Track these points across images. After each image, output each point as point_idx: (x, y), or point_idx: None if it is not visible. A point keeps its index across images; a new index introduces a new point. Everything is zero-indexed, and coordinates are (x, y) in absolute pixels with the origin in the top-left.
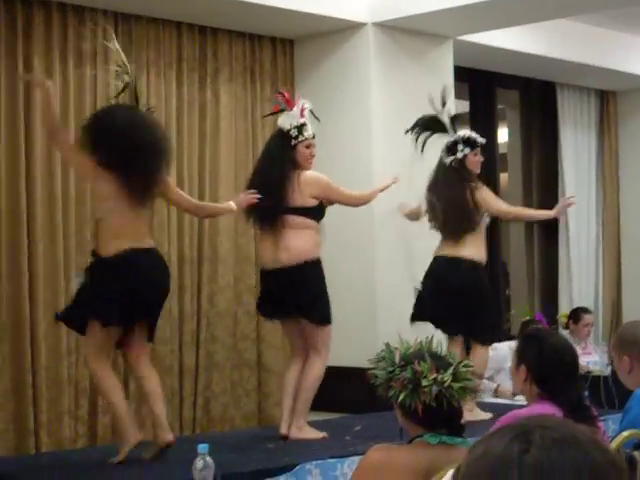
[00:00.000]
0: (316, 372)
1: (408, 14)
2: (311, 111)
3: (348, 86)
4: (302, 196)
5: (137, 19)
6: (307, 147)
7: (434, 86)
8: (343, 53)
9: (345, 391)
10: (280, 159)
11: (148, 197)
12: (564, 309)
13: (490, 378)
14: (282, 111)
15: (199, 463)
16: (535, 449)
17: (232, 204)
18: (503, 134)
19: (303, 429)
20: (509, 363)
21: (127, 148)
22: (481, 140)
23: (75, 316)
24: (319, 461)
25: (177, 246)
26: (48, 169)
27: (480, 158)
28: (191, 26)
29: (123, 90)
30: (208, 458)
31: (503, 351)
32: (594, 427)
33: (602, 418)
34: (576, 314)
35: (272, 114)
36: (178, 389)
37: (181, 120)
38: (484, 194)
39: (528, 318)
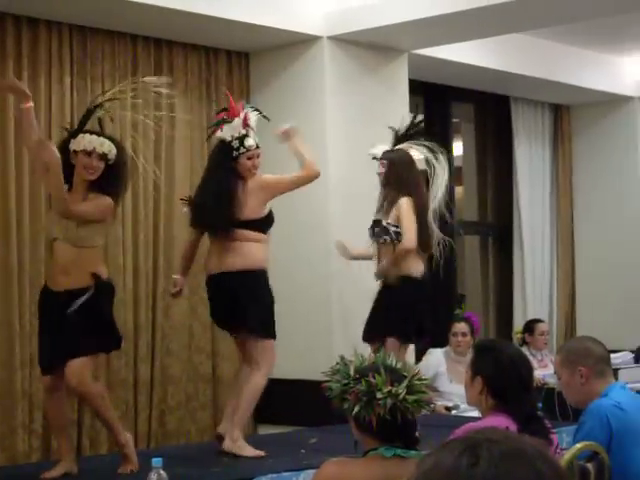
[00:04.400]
0: (254, 387)
1: (363, 28)
2: (260, 112)
3: (303, 99)
4: (250, 208)
5: (92, 31)
6: (249, 158)
7: (389, 99)
8: (298, 66)
9: (300, 404)
10: (223, 172)
11: None
12: (519, 322)
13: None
14: (224, 122)
15: (153, 477)
16: (483, 463)
17: None
18: (458, 147)
19: (238, 442)
20: (443, 367)
21: None
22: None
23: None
24: (274, 474)
25: (132, 258)
26: (2, 177)
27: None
28: (146, 39)
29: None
30: (162, 472)
31: (437, 356)
32: (547, 439)
33: (556, 430)
34: (529, 325)
35: (214, 126)
36: (133, 402)
37: (136, 132)
38: None
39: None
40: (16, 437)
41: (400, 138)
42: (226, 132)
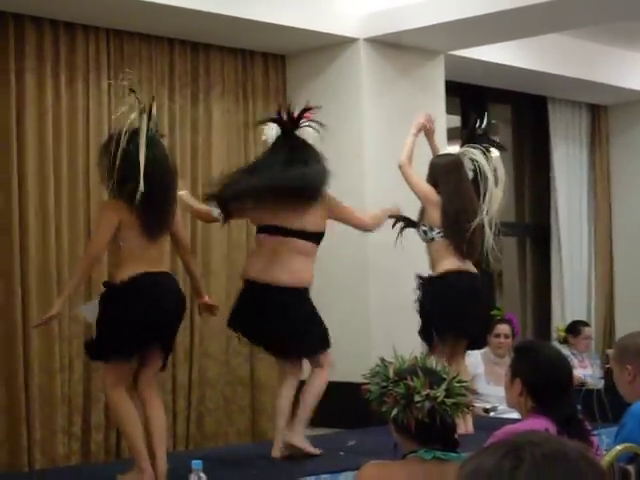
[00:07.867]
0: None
1: (399, 29)
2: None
3: (340, 101)
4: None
5: (129, 36)
6: None
7: (426, 101)
8: (335, 68)
9: (339, 406)
10: None
11: (163, 229)
12: (557, 324)
13: None
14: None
15: (194, 479)
16: (526, 465)
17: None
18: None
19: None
20: (481, 369)
21: (157, 183)
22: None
23: (95, 347)
24: (313, 477)
25: (169, 261)
26: (41, 182)
27: None
28: (183, 42)
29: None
30: (202, 474)
31: (475, 357)
32: (587, 441)
33: (595, 432)
34: (575, 327)
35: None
36: (171, 405)
37: (173, 136)
38: None
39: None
40: (56, 440)
41: (465, 141)
42: (268, 132)
